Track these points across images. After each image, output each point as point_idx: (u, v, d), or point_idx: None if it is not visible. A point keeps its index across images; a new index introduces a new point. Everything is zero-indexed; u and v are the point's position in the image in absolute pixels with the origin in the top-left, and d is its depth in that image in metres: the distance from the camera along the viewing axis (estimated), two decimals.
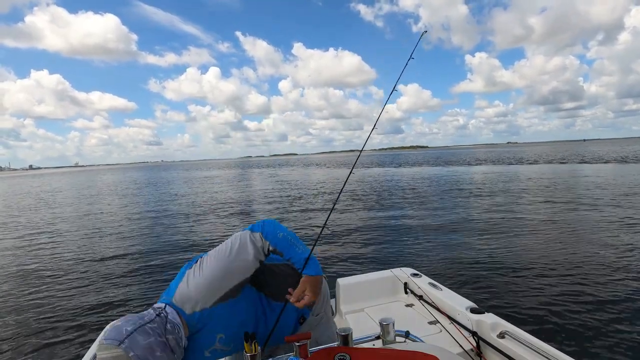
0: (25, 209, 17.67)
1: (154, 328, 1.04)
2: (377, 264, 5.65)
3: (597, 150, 60.75)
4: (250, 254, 1.20)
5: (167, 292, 1.25)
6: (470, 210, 9.93)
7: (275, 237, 1.23)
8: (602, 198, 10.57)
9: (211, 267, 1.18)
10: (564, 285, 4.34)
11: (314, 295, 1.23)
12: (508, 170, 24.42)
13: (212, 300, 1.16)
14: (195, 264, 1.24)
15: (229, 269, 1.18)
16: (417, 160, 56.76)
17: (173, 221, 11.02)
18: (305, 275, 1.23)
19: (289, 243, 1.23)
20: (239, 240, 1.22)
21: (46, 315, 4.42)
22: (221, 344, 1.22)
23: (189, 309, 1.16)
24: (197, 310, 1.16)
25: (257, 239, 1.22)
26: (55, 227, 11.33)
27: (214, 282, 1.16)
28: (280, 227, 1.25)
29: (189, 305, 1.16)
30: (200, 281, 1.17)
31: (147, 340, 1.00)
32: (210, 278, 1.16)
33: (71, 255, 7.40)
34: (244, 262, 1.20)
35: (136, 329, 1.00)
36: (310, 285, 1.23)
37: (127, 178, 49.74)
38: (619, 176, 16.70)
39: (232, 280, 1.19)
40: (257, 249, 1.21)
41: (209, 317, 1.17)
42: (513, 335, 1.74)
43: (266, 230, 1.23)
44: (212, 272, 1.17)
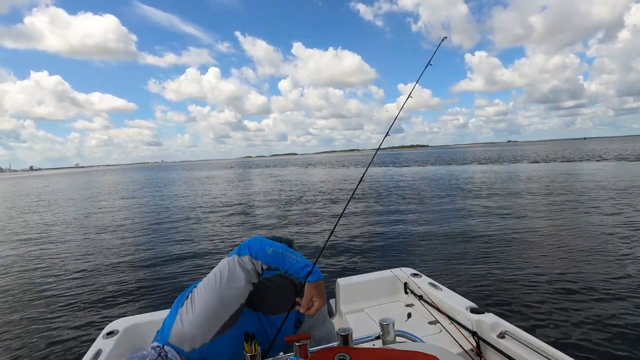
0: (29, 209, 17.69)
1: None
2: (377, 264, 5.66)
3: (597, 148, 60.72)
4: (242, 280, 1.17)
5: (161, 331, 1.20)
6: (470, 210, 9.93)
7: (265, 254, 1.19)
8: (602, 197, 10.57)
9: (203, 301, 1.13)
10: (565, 285, 4.34)
11: (322, 300, 1.21)
12: (508, 169, 24.42)
13: (210, 334, 1.13)
14: (186, 299, 1.19)
15: (222, 300, 1.14)
16: (417, 160, 56.73)
17: (175, 222, 11.03)
18: (308, 282, 1.21)
19: (281, 256, 1.19)
20: (228, 268, 1.18)
21: (47, 314, 4.43)
22: None
23: (188, 347, 1.13)
24: (196, 347, 1.13)
25: (246, 262, 1.18)
26: (57, 228, 11.34)
27: (209, 317, 1.13)
28: (266, 243, 1.21)
29: (188, 343, 1.13)
30: (194, 318, 1.12)
31: None
32: (205, 313, 1.12)
33: (72, 256, 7.40)
34: (236, 290, 1.16)
35: None
36: (316, 291, 1.21)
37: (128, 179, 49.77)
38: (619, 175, 16.68)
39: (228, 311, 1.16)
40: (248, 273, 1.18)
41: (209, 351, 1.15)
42: (513, 335, 1.75)
43: (254, 250, 1.19)
44: (206, 306, 1.12)
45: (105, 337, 2.04)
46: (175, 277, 5.54)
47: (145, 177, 49.40)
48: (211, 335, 1.13)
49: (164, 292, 4.95)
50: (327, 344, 1.22)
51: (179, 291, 1.41)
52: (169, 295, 4.79)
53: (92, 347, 1.94)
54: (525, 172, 22.14)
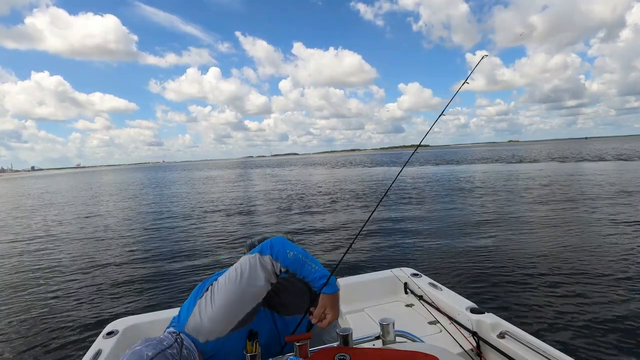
0: (30, 209, 17.71)
1: (173, 354, 1.05)
2: (377, 264, 5.65)
3: (599, 148, 60.65)
4: (262, 279, 1.18)
5: (177, 319, 1.22)
6: (471, 209, 9.93)
7: (286, 258, 1.19)
8: (603, 197, 10.55)
9: (222, 297, 1.15)
10: (565, 285, 4.34)
11: (335, 313, 1.20)
12: (508, 169, 24.39)
13: (226, 330, 1.15)
14: (206, 291, 1.21)
15: (240, 297, 1.16)
16: (417, 159, 56.69)
17: (176, 222, 11.03)
18: (323, 294, 1.20)
19: (301, 262, 1.20)
20: (249, 266, 1.18)
21: (47, 314, 4.43)
22: None
23: (203, 338, 1.15)
24: (211, 340, 1.15)
25: (267, 262, 1.19)
26: (58, 228, 11.36)
27: (227, 313, 1.14)
28: (289, 245, 1.22)
29: (203, 335, 1.15)
30: (212, 313, 1.15)
31: None
32: (223, 308, 1.14)
33: (73, 256, 7.41)
34: (255, 288, 1.17)
35: (157, 354, 1.01)
36: (331, 304, 1.20)
37: (129, 179, 49.81)
38: (620, 175, 16.66)
39: (245, 308, 1.17)
40: (268, 273, 1.18)
41: (223, 345, 1.16)
42: (513, 335, 1.75)
43: (275, 251, 1.20)
44: (224, 302, 1.14)
45: (105, 337, 2.04)
46: (176, 277, 5.54)
47: (146, 177, 49.44)
48: (227, 331, 1.15)
49: (164, 292, 4.95)
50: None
51: (179, 291, 1.42)
52: (169, 295, 4.79)
53: (92, 347, 1.94)
54: (525, 172, 22.12)
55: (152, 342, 1.05)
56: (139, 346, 1.03)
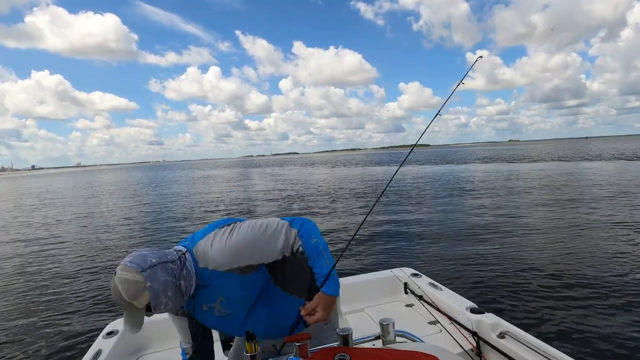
0: (31, 208, 17.72)
1: (173, 269, 1.08)
2: (377, 264, 5.65)
3: (600, 147, 60.61)
4: (279, 246, 1.19)
5: (190, 239, 1.25)
6: (471, 209, 9.92)
7: (309, 241, 1.20)
8: (603, 197, 10.54)
9: (238, 238, 1.17)
10: (565, 285, 4.34)
11: (325, 314, 1.20)
12: (509, 169, 24.38)
13: (226, 267, 1.16)
14: (227, 225, 1.22)
15: (252, 248, 1.17)
16: (418, 159, 56.67)
17: (176, 221, 11.04)
18: (322, 292, 1.20)
19: (318, 252, 1.21)
20: (275, 227, 1.20)
21: (47, 314, 4.44)
22: (220, 305, 1.23)
23: (203, 264, 1.17)
24: (209, 269, 1.17)
25: (291, 235, 1.20)
26: (58, 228, 11.37)
27: (234, 253, 1.16)
28: (315, 232, 1.23)
29: (204, 261, 1.17)
30: (223, 246, 1.16)
31: (165, 277, 1.05)
32: (233, 248, 1.16)
33: (73, 256, 7.42)
34: (269, 250, 1.19)
35: (159, 263, 1.06)
36: (324, 304, 1.20)
37: (130, 178, 49.83)
38: (621, 174, 16.65)
39: (252, 259, 1.18)
40: (287, 244, 1.20)
41: (217, 279, 1.18)
42: (513, 335, 1.75)
43: (303, 230, 1.21)
44: (237, 243, 1.16)
45: (105, 337, 2.05)
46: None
47: (147, 177, 49.46)
48: (226, 269, 1.17)
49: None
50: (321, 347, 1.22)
51: None
52: None
53: (92, 347, 1.95)
54: (526, 172, 22.11)
55: (157, 252, 1.09)
56: (145, 251, 1.06)
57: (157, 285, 1.03)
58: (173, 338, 2.23)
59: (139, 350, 2.15)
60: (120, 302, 1.02)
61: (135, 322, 1.06)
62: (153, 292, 1.03)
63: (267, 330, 1.28)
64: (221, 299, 1.22)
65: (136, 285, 1.00)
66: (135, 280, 1.00)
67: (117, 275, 1.01)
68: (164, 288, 1.05)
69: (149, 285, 1.02)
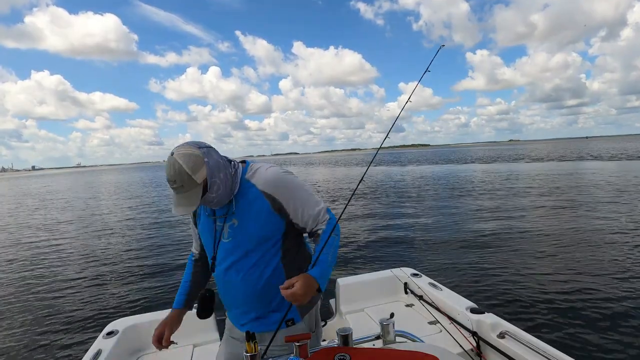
0: (32, 209, 17.71)
1: (224, 162, 1.19)
2: (377, 264, 5.65)
3: (600, 147, 60.59)
4: (313, 211, 1.23)
5: (250, 161, 1.31)
6: (471, 209, 9.92)
7: (327, 232, 1.22)
8: (603, 197, 10.55)
9: (292, 178, 1.23)
10: (565, 285, 4.34)
11: (301, 292, 1.10)
12: (509, 169, 24.38)
13: (267, 189, 1.19)
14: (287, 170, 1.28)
15: (298, 191, 1.22)
16: (418, 159, 56.66)
17: (176, 221, 11.03)
18: (309, 273, 1.16)
19: (329, 245, 1.20)
20: (319, 200, 1.26)
21: (48, 314, 4.44)
22: (228, 227, 1.24)
23: (249, 176, 1.22)
24: (251, 182, 1.21)
25: (320, 218, 1.24)
26: (59, 228, 11.37)
27: (283, 183, 1.20)
28: (337, 231, 1.25)
29: (252, 175, 1.22)
30: (276, 172, 1.21)
31: (217, 159, 1.15)
32: (284, 179, 1.21)
33: (73, 256, 7.42)
34: (306, 205, 1.23)
35: (212, 148, 1.17)
36: (305, 282, 1.12)
37: (130, 178, 49.82)
38: (621, 174, 16.65)
39: (289, 201, 1.20)
40: (317, 215, 1.23)
41: (251, 196, 1.20)
42: (513, 335, 1.75)
43: (330, 223, 1.24)
44: (289, 178, 1.22)
45: (105, 337, 2.05)
46: (176, 277, 5.54)
47: (147, 177, 49.45)
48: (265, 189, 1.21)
49: (164, 292, 4.95)
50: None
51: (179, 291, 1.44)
52: (169, 295, 4.79)
53: (92, 347, 1.95)
54: (526, 171, 22.11)
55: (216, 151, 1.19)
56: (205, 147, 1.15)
57: (213, 162, 1.12)
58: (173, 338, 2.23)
59: (139, 350, 2.15)
60: (179, 177, 1.07)
61: (192, 200, 1.10)
62: (210, 169, 1.10)
63: (245, 297, 1.25)
64: (235, 222, 1.23)
65: (196, 157, 1.08)
66: (194, 154, 1.08)
67: (174, 154, 1.07)
68: (217, 167, 1.13)
69: (206, 161, 1.10)
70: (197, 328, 2.27)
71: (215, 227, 1.27)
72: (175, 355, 2.13)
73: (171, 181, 1.09)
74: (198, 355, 2.13)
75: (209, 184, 1.12)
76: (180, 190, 1.10)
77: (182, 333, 2.25)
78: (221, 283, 1.31)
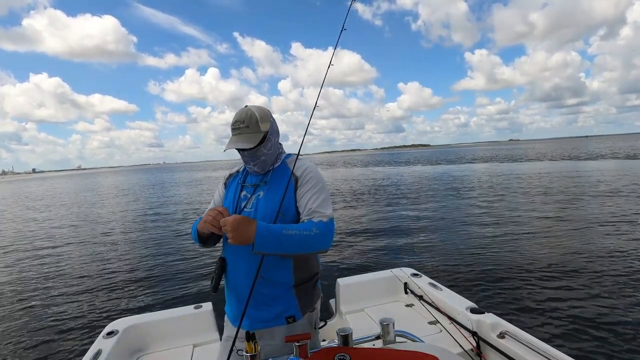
0: (33, 211, 17.73)
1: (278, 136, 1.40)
2: (377, 264, 5.65)
3: (600, 146, 60.55)
4: (313, 207, 1.27)
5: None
6: (471, 210, 9.92)
7: (314, 225, 1.20)
8: (603, 196, 10.53)
9: (322, 180, 1.34)
10: (565, 285, 4.33)
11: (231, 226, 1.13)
12: (509, 169, 24.36)
13: (299, 169, 1.32)
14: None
15: (322, 184, 1.32)
16: (418, 159, 56.67)
17: (176, 223, 11.04)
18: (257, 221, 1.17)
19: (303, 230, 1.18)
20: (328, 209, 1.28)
21: (48, 314, 4.44)
22: (254, 198, 1.33)
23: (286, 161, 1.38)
24: (286, 164, 1.36)
25: (319, 215, 1.24)
26: (59, 230, 11.39)
27: (314, 174, 1.32)
28: (322, 237, 1.21)
29: (289, 160, 1.38)
30: (309, 163, 1.37)
31: (277, 128, 1.37)
32: (316, 171, 1.34)
33: (73, 257, 7.43)
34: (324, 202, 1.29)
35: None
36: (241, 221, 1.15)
37: (130, 180, 49.89)
38: (621, 173, 16.63)
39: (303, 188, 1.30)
40: (311, 213, 1.25)
41: (277, 175, 1.34)
42: (513, 335, 1.75)
43: (324, 226, 1.22)
44: (318, 174, 1.34)
45: (105, 337, 2.05)
46: (176, 277, 5.54)
47: (147, 179, 49.50)
48: (297, 168, 1.34)
49: (164, 292, 4.95)
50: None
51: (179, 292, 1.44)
52: (169, 295, 4.80)
53: (92, 347, 1.95)
54: (526, 171, 22.09)
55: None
56: None
57: (275, 125, 1.35)
58: (173, 338, 2.23)
59: (139, 350, 2.15)
60: (248, 119, 1.27)
61: (251, 141, 1.26)
62: (272, 126, 1.32)
63: (248, 271, 1.23)
64: (261, 193, 1.33)
65: (266, 112, 1.32)
66: (266, 110, 1.32)
67: (248, 106, 1.30)
68: (276, 131, 1.36)
69: (272, 120, 1.33)
70: (197, 328, 2.27)
71: (241, 195, 1.37)
72: (175, 355, 2.13)
73: (239, 121, 1.28)
74: (198, 355, 2.13)
75: (267, 139, 1.30)
76: (244, 131, 1.27)
77: (182, 333, 2.26)
78: (231, 252, 1.32)
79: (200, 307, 2.34)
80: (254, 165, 1.35)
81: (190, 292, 4.82)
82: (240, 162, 1.45)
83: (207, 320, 2.30)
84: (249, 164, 1.37)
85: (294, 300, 1.31)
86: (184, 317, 2.28)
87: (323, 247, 1.22)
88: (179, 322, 2.27)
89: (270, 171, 1.36)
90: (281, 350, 1.22)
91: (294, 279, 1.30)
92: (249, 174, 1.42)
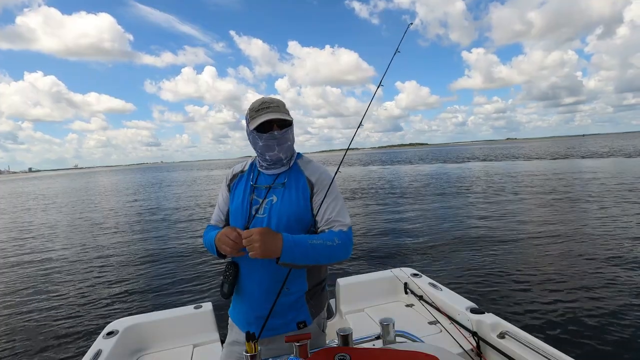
0: (30, 211, 17.69)
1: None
2: (377, 264, 5.65)
3: (596, 145, 60.61)
4: (344, 220, 1.27)
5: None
6: (470, 209, 9.93)
7: (336, 235, 1.20)
8: (602, 196, 10.54)
9: (337, 187, 1.31)
10: (565, 285, 4.34)
11: (258, 242, 1.06)
12: (507, 167, 24.37)
13: (309, 170, 1.31)
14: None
15: (335, 188, 1.30)
16: (416, 158, 56.68)
17: (175, 223, 11.03)
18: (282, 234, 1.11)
19: (327, 240, 1.17)
20: (346, 218, 1.28)
21: (48, 315, 4.44)
22: (266, 204, 1.27)
23: (297, 162, 1.34)
24: (304, 156, 1.37)
25: (339, 224, 1.24)
26: (59, 230, 11.37)
27: (326, 175, 1.31)
28: (344, 247, 1.22)
29: (300, 162, 1.34)
30: (322, 165, 1.35)
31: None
32: (328, 174, 1.31)
33: (73, 257, 7.41)
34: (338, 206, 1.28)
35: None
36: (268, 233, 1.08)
37: (128, 180, 49.78)
38: (619, 172, 16.65)
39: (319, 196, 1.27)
40: (330, 222, 1.24)
41: (291, 179, 1.29)
42: (513, 335, 1.75)
43: (344, 235, 1.23)
44: (335, 183, 1.30)
45: (105, 337, 2.05)
46: (176, 277, 5.54)
47: (145, 178, 49.41)
48: (307, 169, 1.34)
49: (164, 292, 4.95)
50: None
51: (179, 292, 1.43)
52: (169, 295, 4.79)
53: (92, 347, 1.94)
54: (524, 170, 22.10)
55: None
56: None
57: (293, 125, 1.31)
58: (173, 338, 2.23)
59: (139, 350, 2.15)
60: (277, 102, 1.26)
61: (283, 114, 1.24)
62: (292, 121, 1.28)
63: (261, 280, 1.23)
64: (274, 198, 1.27)
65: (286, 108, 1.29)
66: (282, 102, 1.29)
67: (266, 99, 1.28)
68: (293, 127, 1.30)
69: (291, 119, 1.28)
70: (197, 328, 2.27)
71: (252, 199, 1.30)
72: (175, 355, 2.13)
73: (268, 102, 1.25)
74: (198, 355, 2.13)
75: (288, 125, 1.27)
76: (275, 109, 1.23)
77: (182, 333, 2.26)
78: (245, 258, 1.22)
79: (200, 307, 2.34)
80: (279, 151, 1.25)
81: (190, 292, 4.81)
82: (242, 161, 1.44)
83: (207, 320, 2.30)
84: (272, 150, 1.25)
85: (305, 306, 1.31)
86: (183, 317, 2.28)
87: (344, 257, 1.22)
88: (179, 322, 2.26)
89: (284, 172, 1.30)
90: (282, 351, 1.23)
91: (307, 286, 1.30)
92: (260, 173, 1.34)
